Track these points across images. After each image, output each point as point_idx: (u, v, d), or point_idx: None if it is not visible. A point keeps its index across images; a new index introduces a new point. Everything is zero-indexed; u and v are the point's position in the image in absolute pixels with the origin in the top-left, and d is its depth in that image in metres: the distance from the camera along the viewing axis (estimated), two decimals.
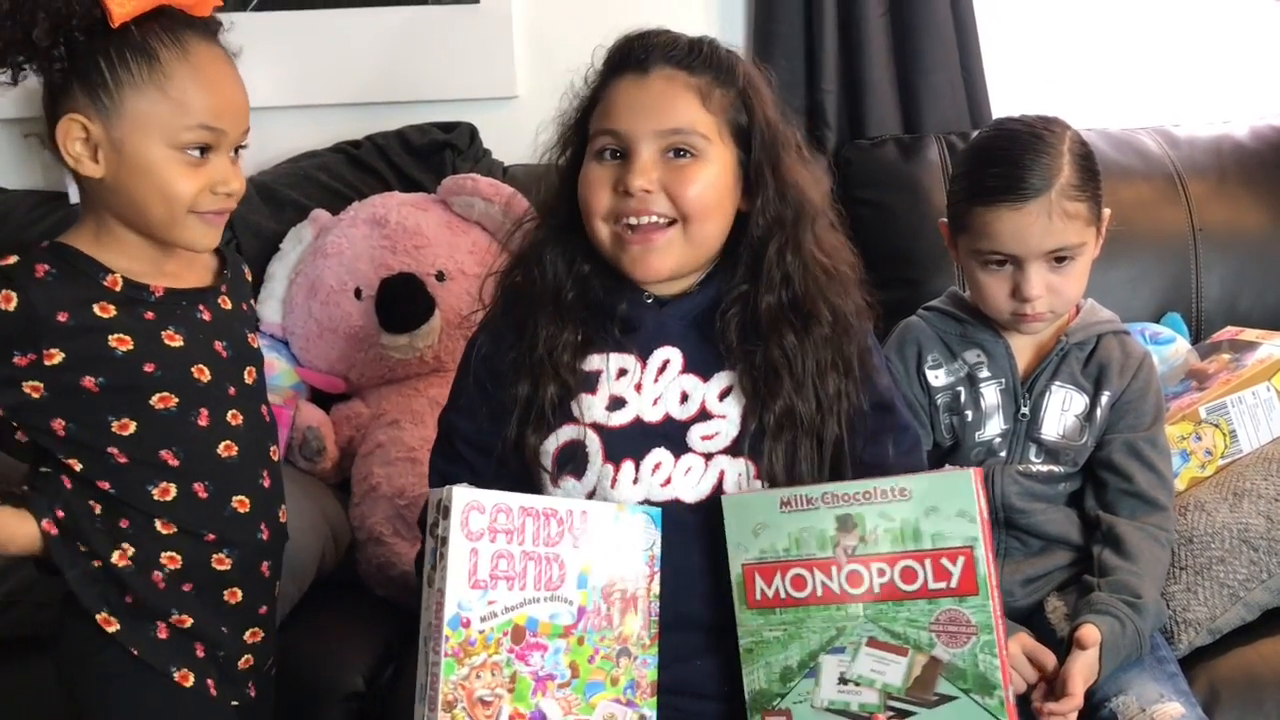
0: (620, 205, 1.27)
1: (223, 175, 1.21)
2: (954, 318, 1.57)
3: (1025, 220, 1.43)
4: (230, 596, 1.28)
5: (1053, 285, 1.46)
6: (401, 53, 2.21)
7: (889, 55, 2.16)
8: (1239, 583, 1.49)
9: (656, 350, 1.33)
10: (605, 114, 1.29)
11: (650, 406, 1.32)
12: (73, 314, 1.19)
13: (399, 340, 1.86)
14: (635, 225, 1.27)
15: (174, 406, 1.23)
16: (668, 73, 1.28)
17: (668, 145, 1.27)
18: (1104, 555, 1.45)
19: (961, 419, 1.52)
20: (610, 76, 1.31)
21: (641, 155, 1.26)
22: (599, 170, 1.29)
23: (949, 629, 1.16)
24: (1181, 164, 2.05)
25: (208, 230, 1.24)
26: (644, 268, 1.29)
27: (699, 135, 1.27)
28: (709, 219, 1.29)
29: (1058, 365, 1.53)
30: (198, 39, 1.20)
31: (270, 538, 1.31)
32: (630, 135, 1.27)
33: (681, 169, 1.27)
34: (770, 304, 1.30)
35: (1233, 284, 1.99)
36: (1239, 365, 1.72)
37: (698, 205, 1.27)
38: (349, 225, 1.92)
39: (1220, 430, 1.64)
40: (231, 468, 1.27)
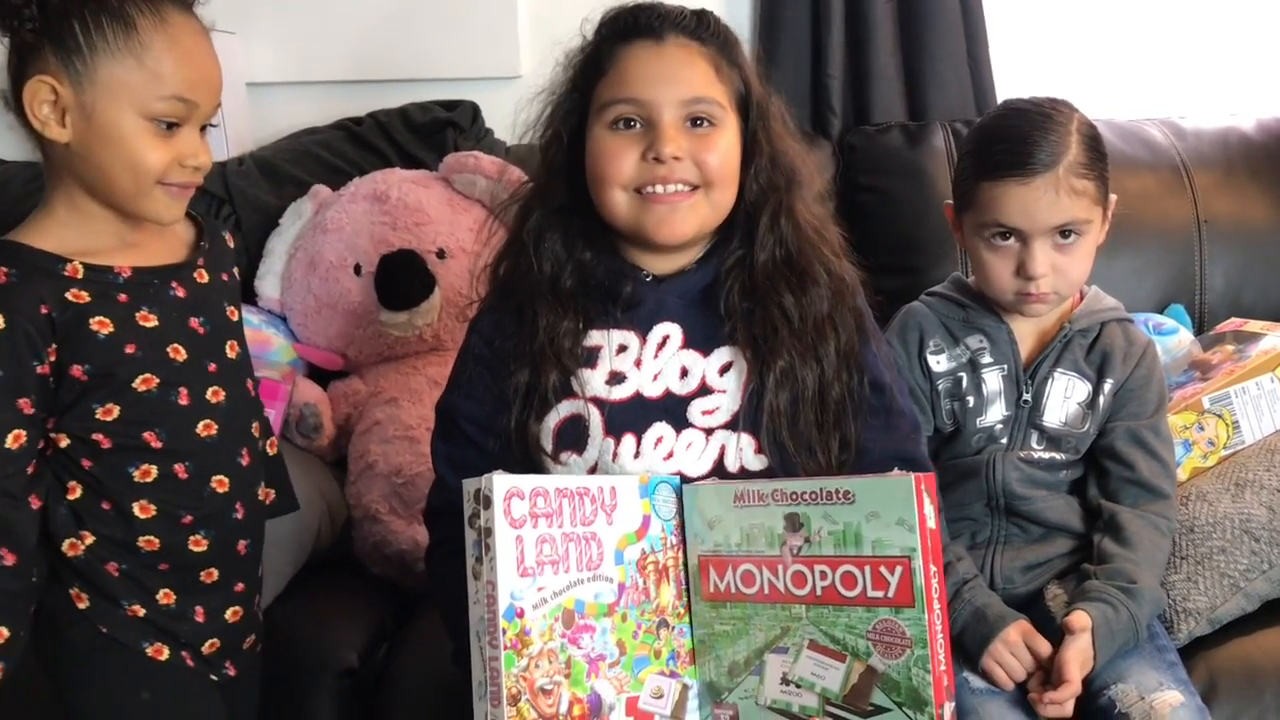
0: (648, 173, 1.27)
1: (192, 148, 1.20)
2: (957, 303, 1.56)
3: (1033, 195, 1.43)
4: (206, 576, 1.27)
5: (1058, 264, 1.46)
6: (405, 30, 2.20)
7: (895, 42, 2.16)
8: (1240, 573, 1.48)
9: (656, 326, 1.33)
10: (621, 83, 1.27)
11: (650, 382, 1.31)
12: (53, 306, 1.18)
13: (398, 318, 1.85)
14: (660, 191, 1.27)
15: (155, 388, 1.22)
16: (682, 41, 1.28)
17: (689, 114, 1.27)
18: (1103, 543, 1.45)
19: (963, 405, 1.51)
20: (618, 44, 1.29)
21: (666, 123, 1.26)
22: (616, 139, 1.27)
23: (885, 639, 1.13)
24: (1188, 155, 2.05)
25: (172, 203, 1.22)
26: (669, 230, 1.29)
27: (717, 104, 1.28)
28: (729, 185, 1.31)
29: (1061, 352, 1.52)
30: (175, 9, 1.19)
31: (246, 516, 1.30)
32: (653, 103, 1.26)
33: (704, 137, 1.28)
34: (765, 262, 1.32)
35: (1237, 276, 1.98)
36: (1243, 356, 1.71)
37: (720, 172, 1.29)
38: (349, 201, 1.91)
39: (1223, 421, 1.64)
40: (211, 447, 1.26)
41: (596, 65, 1.30)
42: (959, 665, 1.40)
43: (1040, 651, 1.35)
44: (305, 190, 1.97)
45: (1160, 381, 1.55)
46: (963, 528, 1.51)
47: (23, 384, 1.16)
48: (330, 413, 1.85)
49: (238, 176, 1.99)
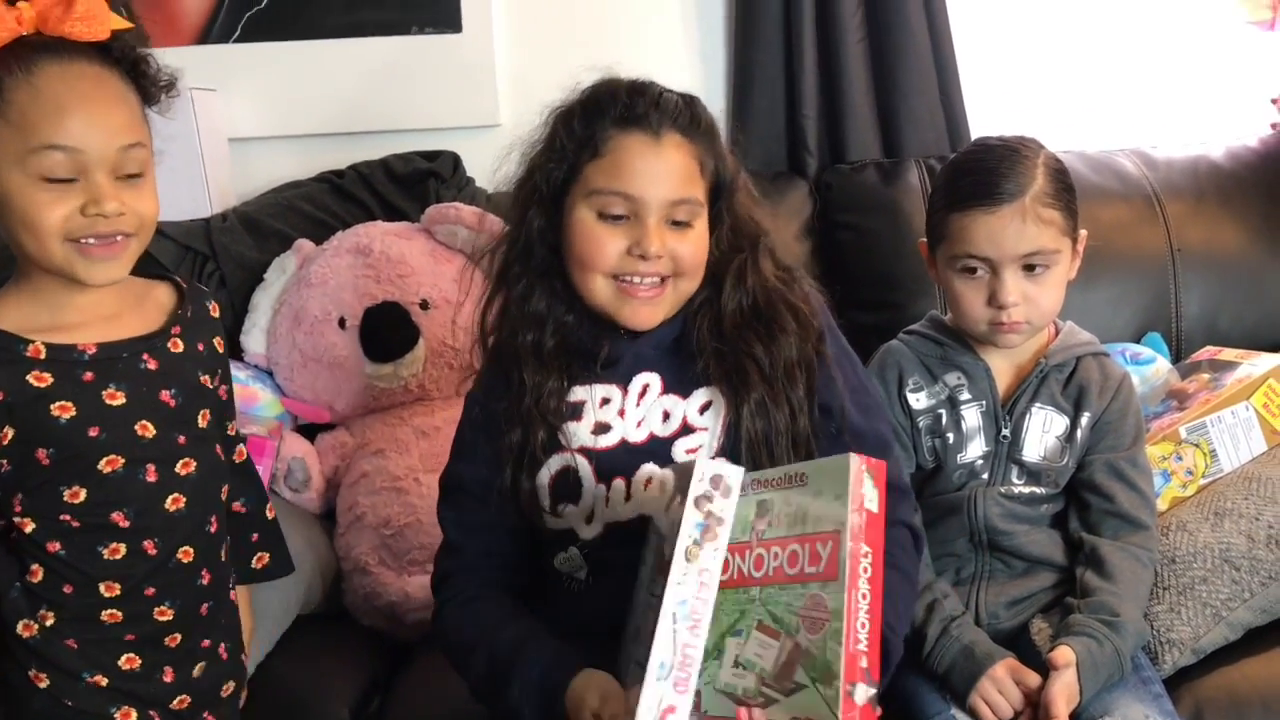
0: (629, 265, 1.30)
1: (93, 196, 1.15)
2: (934, 340, 1.58)
3: (1000, 223, 1.46)
4: (170, 641, 1.26)
5: (1028, 294, 1.48)
6: (385, 82, 2.22)
7: (868, 81, 2.18)
8: (1222, 602, 1.49)
9: (636, 377, 1.37)
10: (616, 173, 1.30)
11: (634, 429, 1.35)
12: (10, 391, 1.17)
13: (383, 369, 1.86)
14: (639, 284, 1.32)
15: (121, 468, 1.21)
16: (677, 140, 1.31)
17: (672, 214, 1.31)
18: (1085, 576, 1.46)
19: (943, 441, 1.53)
20: (615, 130, 1.31)
21: (652, 222, 1.30)
22: (603, 229, 1.31)
23: (811, 614, 1.11)
24: (1159, 185, 2.07)
25: (93, 263, 1.17)
26: (641, 318, 1.34)
27: (696, 203, 1.33)
28: (698, 273, 1.36)
29: (1037, 387, 1.54)
30: (55, 62, 1.14)
31: (211, 581, 1.29)
32: (645, 201, 1.30)
33: (680, 234, 1.32)
34: (734, 312, 1.36)
35: (1212, 303, 2.00)
36: (1218, 385, 1.73)
37: (692, 264, 1.34)
38: (333, 255, 1.92)
39: (1201, 450, 1.65)
40: (180, 520, 1.25)
41: (590, 143, 1.31)
42: (947, 703, 1.41)
43: (1030, 686, 1.37)
44: (289, 244, 1.98)
45: (1137, 414, 1.57)
46: (947, 564, 1.53)
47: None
48: (318, 466, 1.86)
49: (221, 233, 2.01)
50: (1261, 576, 1.51)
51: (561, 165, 1.33)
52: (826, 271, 2.08)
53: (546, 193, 1.34)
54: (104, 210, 1.15)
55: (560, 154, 1.33)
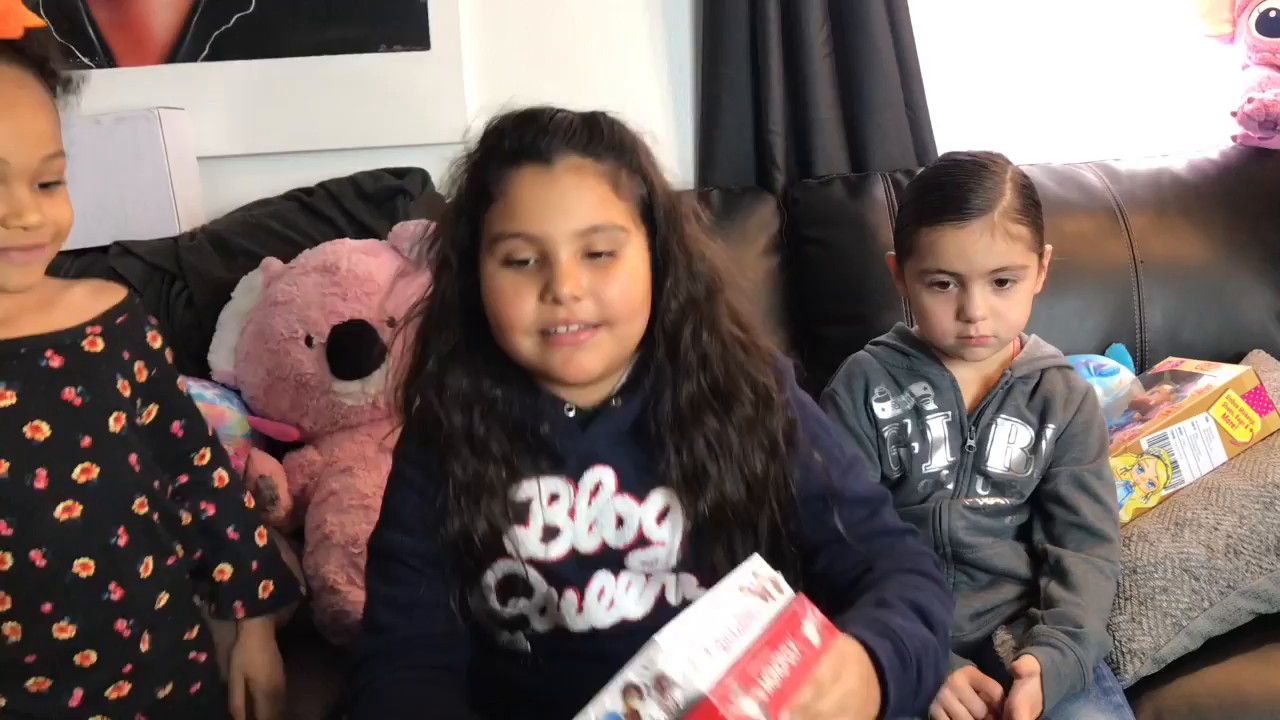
0: (548, 314, 1.16)
1: (14, 208, 1.12)
2: (901, 351, 1.59)
3: (969, 239, 1.47)
4: (82, 659, 1.21)
5: (996, 308, 1.49)
6: (354, 100, 2.23)
7: (834, 95, 2.19)
8: (1182, 611, 1.51)
9: (587, 472, 1.24)
10: (511, 215, 1.16)
11: (585, 534, 1.24)
12: None
13: (351, 387, 1.86)
14: (564, 332, 1.17)
15: (5, 473, 1.16)
16: (574, 162, 1.16)
17: (586, 245, 1.16)
18: (1049, 587, 1.47)
19: (909, 451, 1.55)
20: (506, 168, 1.17)
21: (563, 259, 1.15)
22: (511, 279, 1.17)
23: None
24: (1122, 197, 2.08)
25: (12, 270, 1.15)
26: (575, 368, 1.19)
27: (617, 228, 1.18)
28: (635, 316, 1.21)
29: (1003, 398, 1.55)
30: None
31: (125, 596, 1.22)
32: (547, 238, 1.15)
33: (604, 269, 1.17)
34: (691, 393, 1.22)
35: (1174, 314, 2.02)
36: (1179, 396, 1.75)
37: (624, 307, 1.18)
38: (299, 273, 1.92)
39: (1162, 461, 1.67)
40: (72, 530, 1.18)
41: (484, 190, 1.18)
42: None
43: (991, 695, 1.38)
44: (257, 262, 1.98)
45: (1101, 426, 1.58)
46: None
47: None
48: (286, 484, 1.85)
49: (189, 251, 2.01)
50: (1220, 586, 1.52)
51: (463, 222, 1.21)
52: (794, 286, 2.10)
53: (454, 256, 1.22)
54: (26, 223, 1.13)
55: (460, 210, 1.21)
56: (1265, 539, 1.55)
